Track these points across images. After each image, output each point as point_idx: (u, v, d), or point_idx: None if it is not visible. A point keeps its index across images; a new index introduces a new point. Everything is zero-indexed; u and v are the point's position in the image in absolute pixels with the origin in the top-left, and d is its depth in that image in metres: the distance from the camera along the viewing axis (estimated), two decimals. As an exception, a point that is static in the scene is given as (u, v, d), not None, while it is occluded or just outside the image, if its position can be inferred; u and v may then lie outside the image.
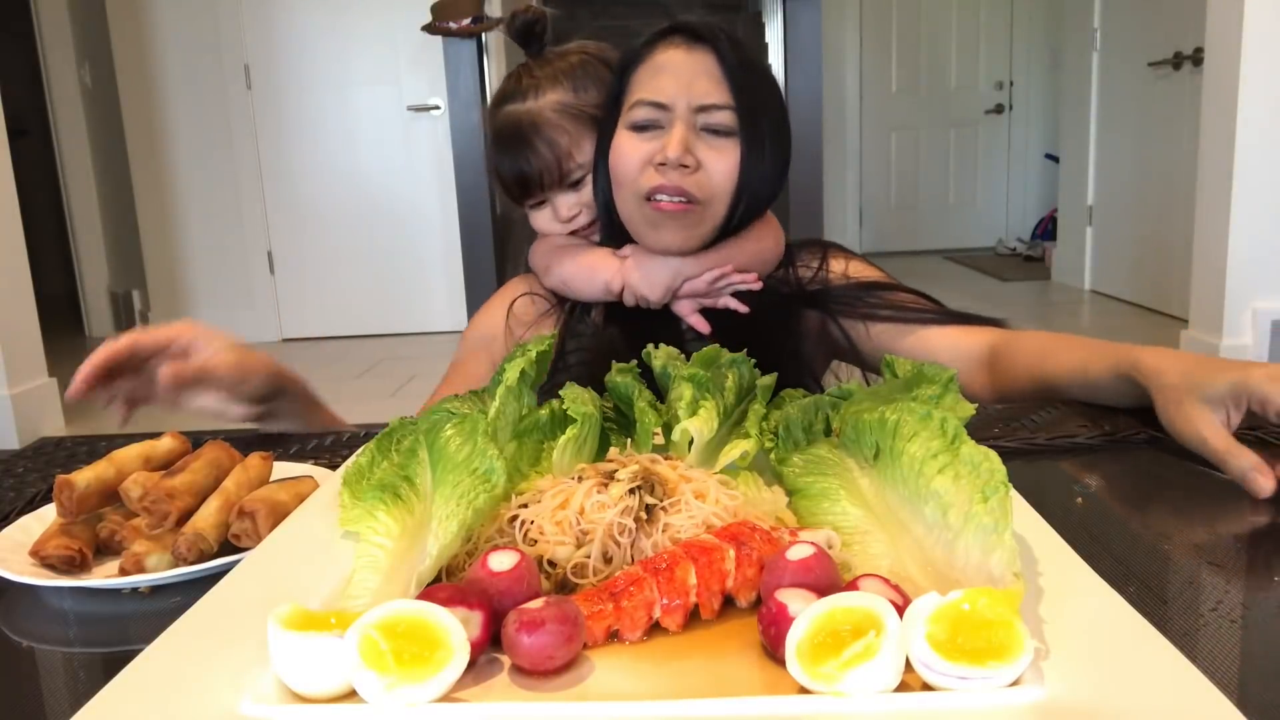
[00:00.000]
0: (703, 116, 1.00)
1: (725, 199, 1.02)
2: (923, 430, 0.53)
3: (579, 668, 0.46)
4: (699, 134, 1.01)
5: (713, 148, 1.01)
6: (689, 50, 1.02)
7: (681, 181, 0.99)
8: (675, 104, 1.00)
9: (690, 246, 1.04)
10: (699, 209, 1.01)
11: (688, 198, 1.00)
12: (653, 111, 1.01)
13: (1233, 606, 0.54)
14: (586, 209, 1.12)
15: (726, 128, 1.01)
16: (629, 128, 1.03)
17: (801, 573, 0.47)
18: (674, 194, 1.00)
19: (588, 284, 1.08)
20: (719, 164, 1.01)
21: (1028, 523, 0.56)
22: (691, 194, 1.00)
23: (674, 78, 1.01)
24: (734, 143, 1.01)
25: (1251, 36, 2.98)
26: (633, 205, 1.03)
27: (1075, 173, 5.41)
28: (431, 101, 4.95)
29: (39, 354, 3.32)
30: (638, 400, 0.69)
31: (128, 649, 0.49)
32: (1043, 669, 0.42)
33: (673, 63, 1.02)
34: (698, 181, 1.00)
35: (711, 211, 1.03)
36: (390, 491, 0.57)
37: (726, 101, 1.00)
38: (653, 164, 1.00)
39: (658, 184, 1.00)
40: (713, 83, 1.00)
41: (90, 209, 5.29)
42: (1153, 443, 0.81)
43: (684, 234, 1.03)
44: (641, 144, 1.01)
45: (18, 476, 0.88)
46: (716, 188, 1.01)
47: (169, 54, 4.95)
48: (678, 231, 1.02)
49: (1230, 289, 3.12)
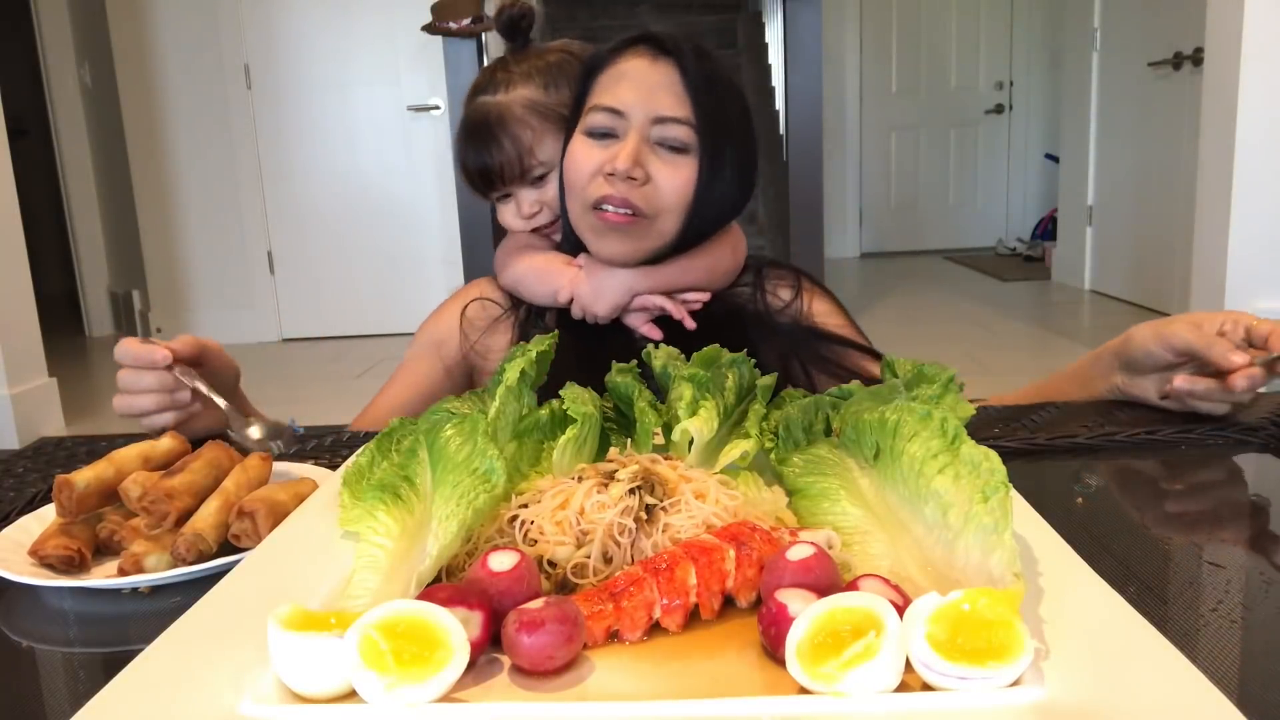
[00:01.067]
0: (659, 129, 0.98)
1: (676, 215, 1.00)
2: (923, 430, 0.53)
3: (579, 668, 0.46)
4: (653, 147, 0.99)
5: (666, 162, 0.99)
6: (653, 61, 1.00)
7: (629, 194, 0.97)
8: (631, 113, 0.98)
9: (635, 258, 1.02)
10: (645, 222, 0.99)
11: (633, 210, 0.98)
12: (609, 118, 0.99)
13: (1233, 607, 0.54)
14: (548, 207, 1.12)
15: (682, 143, 0.98)
16: (584, 133, 1.01)
17: (801, 573, 0.47)
18: (620, 205, 0.98)
19: (538, 287, 1.08)
20: (670, 180, 0.99)
21: (1028, 523, 0.56)
22: (638, 207, 0.98)
23: (634, 87, 0.99)
24: (689, 160, 0.99)
25: (1251, 36, 2.97)
26: (579, 212, 1.02)
27: (1075, 173, 5.41)
28: (431, 101, 4.96)
29: (39, 354, 3.32)
30: (638, 400, 0.69)
31: (127, 649, 0.49)
32: (1043, 669, 0.42)
33: (635, 71, 1.00)
34: (645, 195, 0.98)
35: (659, 226, 1.00)
36: (390, 492, 0.57)
37: (685, 116, 0.98)
38: (602, 173, 0.98)
39: (605, 194, 0.98)
40: (673, 96, 0.98)
41: (90, 209, 5.29)
42: (1153, 443, 0.81)
43: (629, 246, 1.01)
44: (594, 151, 1.00)
45: (18, 476, 0.88)
46: (665, 203, 0.99)
47: (169, 54, 4.95)
48: (622, 242, 1.01)
49: (1230, 289, 3.11)
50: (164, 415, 0.90)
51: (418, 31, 4.12)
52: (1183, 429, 0.82)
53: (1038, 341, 4.53)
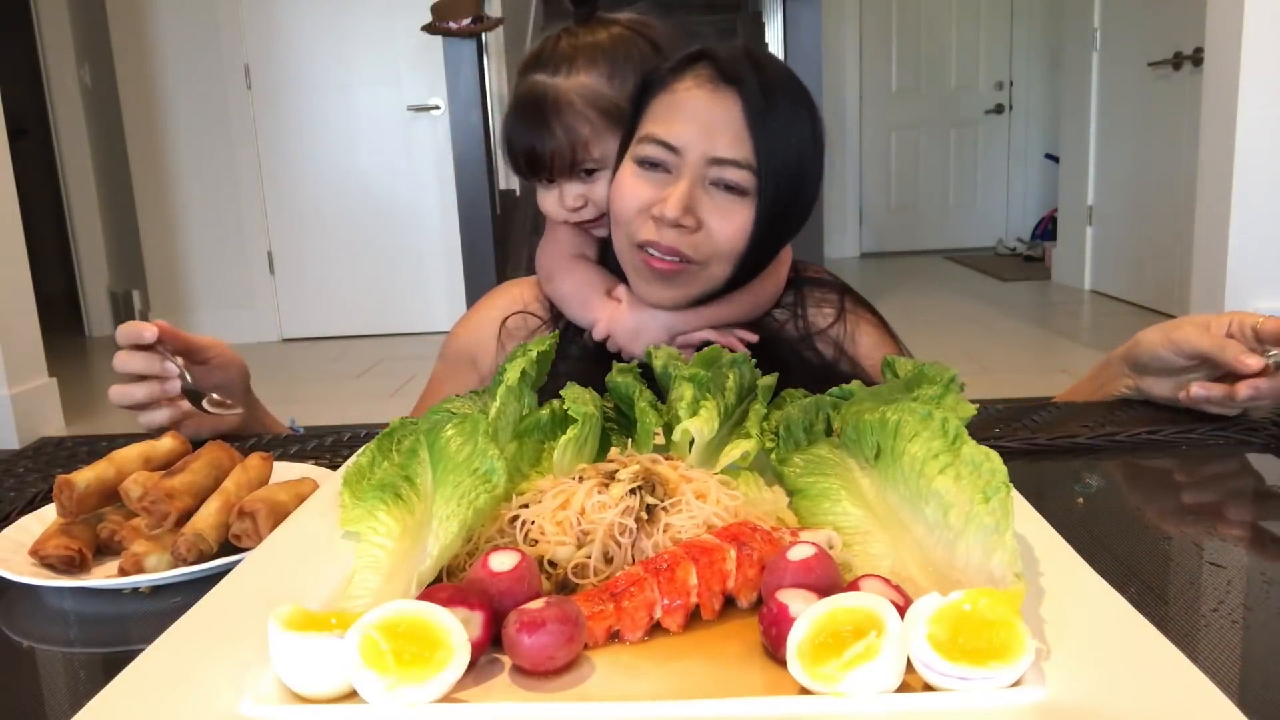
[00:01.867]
0: (715, 170, 0.90)
1: (728, 261, 0.93)
2: (924, 430, 0.53)
3: (580, 668, 0.46)
4: (708, 188, 0.91)
5: (719, 207, 0.91)
6: (714, 90, 0.91)
7: (677, 242, 0.91)
8: (686, 151, 0.90)
9: (680, 304, 0.97)
10: (693, 269, 0.93)
11: (681, 257, 0.92)
12: (662, 152, 0.91)
13: (1234, 607, 0.54)
14: (594, 204, 1.04)
15: (740, 186, 0.90)
16: (635, 161, 0.93)
17: (802, 573, 0.47)
18: (667, 253, 0.92)
19: (578, 312, 1.04)
20: (724, 226, 0.91)
21: (1029, 523, 0.56)
22: (686, 255, 0.92)
23: (691, 120, 0.90)
24: (746, 203, 0.91)
25: (1251, 36, 2.97)
26: (625, 248, 0.96)
27: (1075, 173, 5.41)
28: (431, 101, 4.96)
29: (39, 354, 3.32)
30: (638, 400, 0.69)
31: (128, 649, 0.49)
32: (1044, 669, 0.42)
33: (694, 103, 0.91)
34: (695, 242, 0.91)
35: (709, 273, 0.94)
36: (391, 492, 0.57)
37: (744, 159, 0.90)
38: (650, 214, 0.91)
39: (651, 238, 0.92)
40: (731, 135, 0.89)
41: (90, 209, 5.29)
42: (1153, 443, 0.81)
43: (674, 293, 0.95)
44: (643, 187, 0.92)
45: (18, 476, 0.88)
46: (718, 250, 0.92)
47: (169, 54, 4.95)
48: (667, 290, 0.95)
49: (1230, 289, 3.11)
50: (160, 412, 0.89)
51: (418, 31, 4.11)
52: (1184, 429, 0.82)
53: (1038, 341, 4.53)
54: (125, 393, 0.88)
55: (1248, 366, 0.81)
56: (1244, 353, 0.82)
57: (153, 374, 0.87)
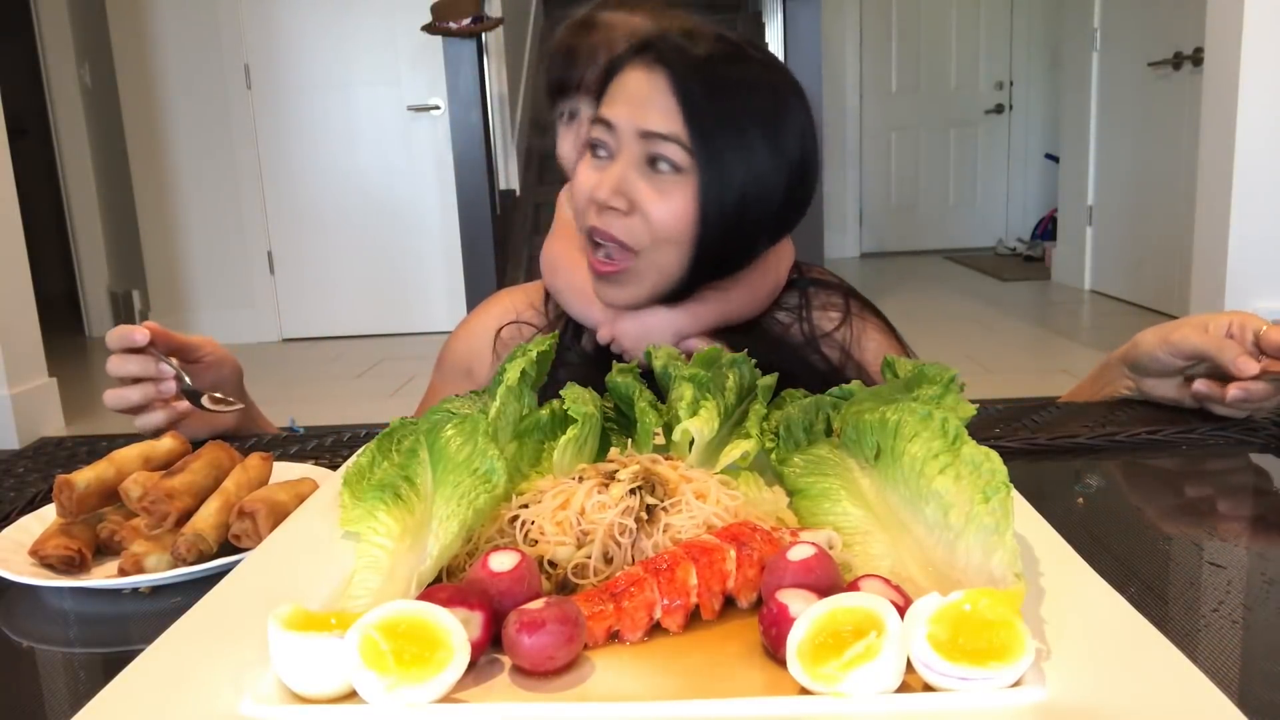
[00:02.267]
0: (648, 146, 0.88)
1: (677, 247, 0.89)
2: (924, 430, 0.53)
3: (580, 668, 0.46)
4: (645, 170, 0.89)
5: (656, 188, 0.88)
6: (649, 70, 0.89)
7: (611, 226, 0.89)
8: (621, 127, 0.89)
9: (637, 302, 0.94)
10: (636, 267, 0.90)
11: (620, 244, 0.89)
12: (602, 131, 0.90)
13: (1234, 607, 0.54)
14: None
15: (675, 163, 0.87)
16: (588, 148, 0.93)
17: (802, 573, 0.47)
18: (605, 239, 0.90)
19: (581, 309, 1.02)
20: (659, 208, 0.88)
21: (1029, 523, 0.56)
22: (622, 241, 0.89)
23: (628, 99, 0.89)
24: (683, 182, 0.88)
25: (1251, 36, 2.97)
26: (585, 244, 0.94)
27: (1075, 173, 5.42)
28: (431, 101, 4.96)
29: (39, 354, 3.32)
30: (638, 400, 0.69)
31: (128, 649, 0.49)
32: (1044, 670, 0.42)
33: (632, 82, 0.90)
34: (630, 227, 0.89)
35: (657, 262, 0.90)
36: (391, 492, 0.57)
37: (673, 132, 0.86)
38: (593, 200, 0.90)
39: (591, 224, 0.90)
40: (664, 110, 0.87)
41: (90, 209, 5.29)
42: (1153, 443, 0.81)
43: (627, 292, 0.92)
44: (591, 172, 0.91)
45: (18, 476, 0.88)
46: (657, 234, 0.88)
47: (169, 54, 4.95)
48: (618, 290, 0.93)
49: (1230, 289, 3.11)
50: (155, 414, 0.89)
51: (418, 31, 4.12)
52: (1184, 429, 0.82)
53: (1038, 341, 4.53)
54: (121, 396, 0.87)
55: (1241, 370, 0.81)
56: (1241, 355, 0.82)
57: (147, 376, 0.87)
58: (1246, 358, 0.81)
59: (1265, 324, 0.83)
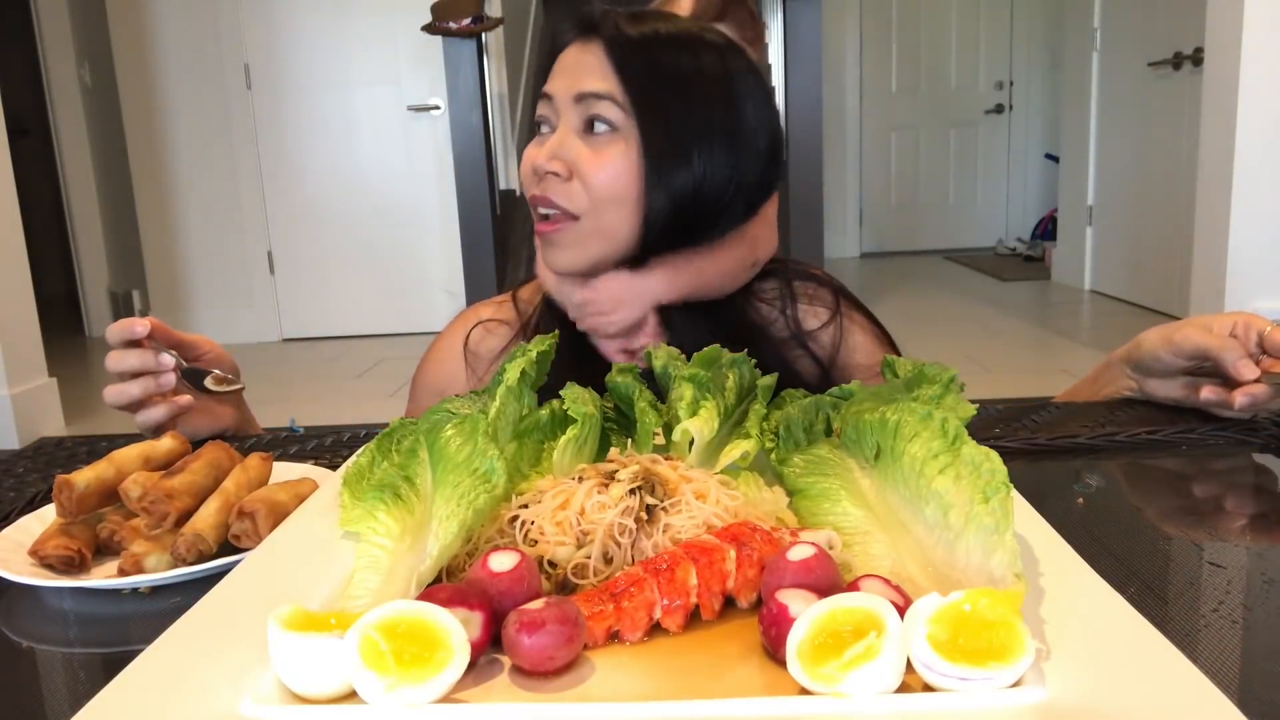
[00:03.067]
0: (582, 109, 0.88)
1: (621, 207, 0.88)
2: (924, 430, 0.53)
3: (579, 668, 0.46)
4: (583, 135, 0.89)
5: (592, 151, 0.88)
6: (583, 43, 0.91)
7: (552, 193, 0.89)
8: (558, 95, 0.90)
9: (579, 266, 0.92)
10: (576, 224, 0.90)
11: (559, 210, 0.89)
12: (544, 107, 0.91)
13: (1234, 607, 0.54)
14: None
15: (608, 120, 0.88)
16: (536, 129, 0.94)
17: (802, 573, 0.47)
18: (545, 205, 0.90)
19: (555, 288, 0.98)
20: (597, 169, 0.88)
21: (1029, 523, 0.56)
22: (562, 206, 0.89)
23: (562, 70, 0.91)
24: (622, 141, 0.88)
25: (1251, 36, 2.97)
26: (533, 215, 0.94)
27: (1075, 173, 5.41)
28: (431, 101, 4.96)
29: (39, 354, 3.32)
30: (638, 400, 0.69)
31: (127, 649, 0.49)
32: (1044, 670, 0.42)
33: (568, 56, 0.92)
34: (569, 191, 0.89)
35: (601, 224, 0.89)
36: (390, 492, 0.57)
37: (607, 90, 0.87)
38: (535, 169, 0.91)
39: (533, 194, 0.91)
40: (597, 71, 0.88)
41: (90, 209, 5.29)
42: (1153, 443, 0.81)
43: (569, 254, 0.91)
44: (533, 149, 0.92)
45: (18, 477, 0.88)
46: (600, 195, 0.88)
47: (169, 54, 4.95)
48: (560, 252, 0.91)
49: (1230, 289, 3.11)
50: (156, 410, 0.88)
51: (418, 31, 4.12)
52: (1184, 429, 0.82)
53: (1037, 341, 4.53)
54: (121, 391, 0.87)
55: (1241, 374, 0.81)
56: (1242, 358, 0.81)
57: (147, 370, 0.87)
58: (1246, 361, 0.81)
59: (1269, 324, 0.83)
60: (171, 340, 0.90)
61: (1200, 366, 0.87)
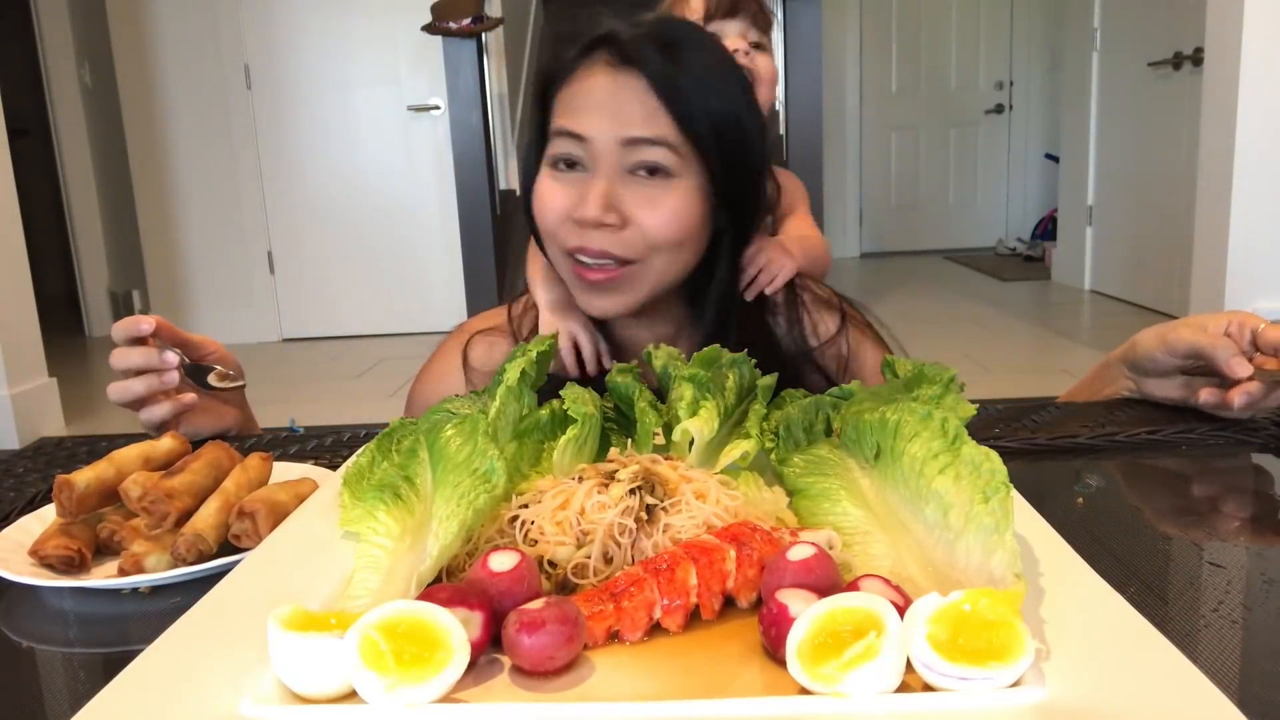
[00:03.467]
0: (632, 154, 0.83)
1: (670, 252, 0.86)
2: (924, 430, 0.53)
3: (579, 668, 0.46)
4: (628, 180, 0.84)
5: (645, 197, 0.84)
6: (615, 73, 0.84)
7: (605, 243, 0.84)
8: (597, 139, 0.83)
9: (630, 309, 0.90)
10: (632, 270, 0.86)
11: (614, 259, 0.85)
12: (573, 145, 0.85)
13: (1234, 607, 0.54)
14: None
15: (664, 168, 0.84)
16: (549, 164, 0.88)
17: (802, 573, 0.47)
18: (597, 257, 0.85)
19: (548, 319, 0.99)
20: (652, 217, 0.84)
21: (1029, 523, 0.56)
22: (618, 255, 0.85)
23: (597, 107, 0.84)
24: (676, 185, 0.84)
25: (1251, 36, 2.97)
26: (558, 258, 0.90)
27: (1075, 173, 5.41)
28: (431, 101, 4.95)
29: (39, 354, 3.32)
30: (638, 400, 0.69)
31: (127, 649, 0.49)
32: (1044, 670, 0.42)
33: (598, 89, 0.85)
34: (625, 240, 0.84)
35: (652, 269, 0.87)
36: (390, 492, 0.57)
37: (662, 135, 0.83)
38: (572, 218, 0.85)
39: (577, 244, 0.85)
40: (645, 112, 0.83)
41: (90, 209, 5.29)
42: (1153, 443, 0.81)
43: (619, 300, 0.88)
44: (561, 190, 0.86)
45: (18, 477, 0.88)
46: (653, 243, 0.85)
47: (169, 54, 4.95)
48: (609, 299, 0.88)
49: (1230, 289, 3.11)
50: (160, 407, 0.88)
51: (418, 31, 4.11)
52: (1184, 429, 0.82)
53: (1038, 341, 4.53)
54: (124, 388, 0.87)
55: (1234, 372, 0.81)
56: (1235, 355, 0.81)
57: (151, 367, 0.87)
58: (1239, 359, 0.81)
59: (1264, 323, 0.83)
60: (176, 339, 0.89)
61: (1196, 366, 0.87)
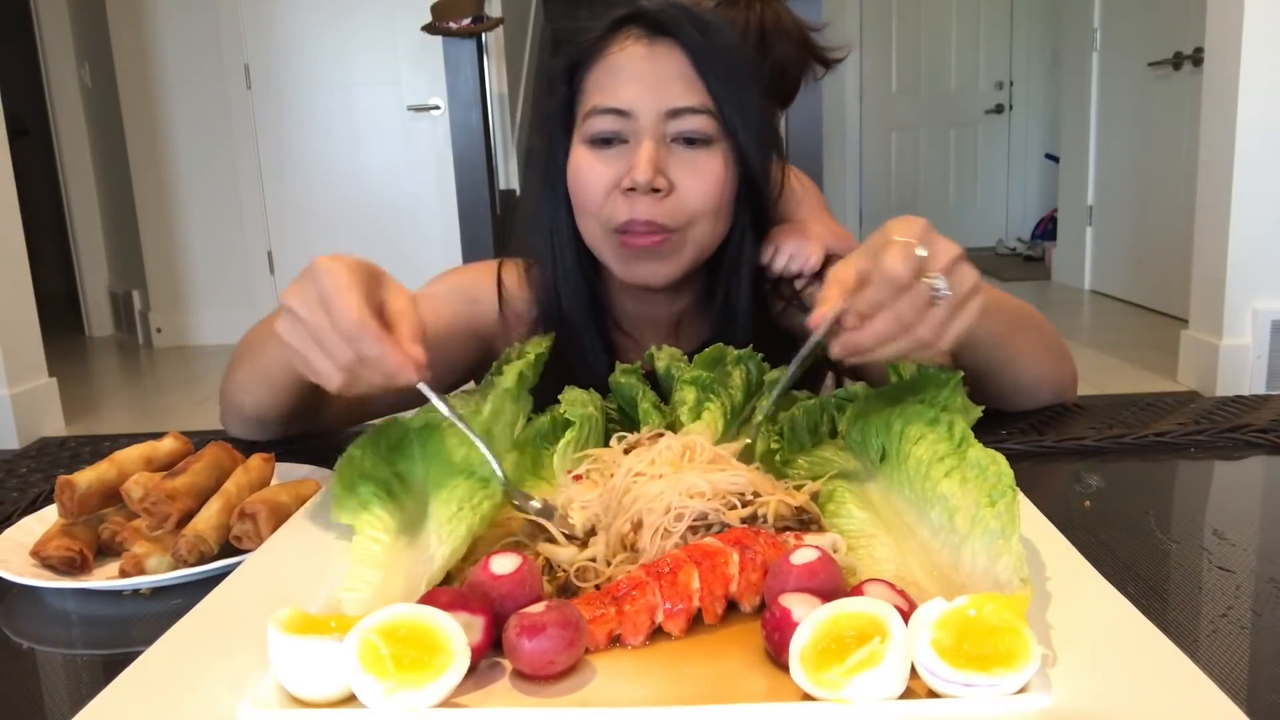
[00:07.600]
0: (674, 124, 0.85)
1: (709, 220, 0.88)
2: (930, 433, 0.53)
3: (581, 673, 0.45)
4: (670, 147, 0.86)
5: (687, 163, 0.86)
6: (651, 45, 0.86)
7: (652, 211, 0.85)
8: (640, 111, 0.85)
9: (672, 279, 0.90)
10: (676, 238, 0.87)
11: (662, 228, 0.86)
12: (614, 121, 0.86)
13: (1242, 612, 0.53)
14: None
15: (704, 135, 0.86)
16: (586, 142, 0.88)
17: (806, 577, 0.47)
18: (646, 229, 0.86)
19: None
20: (696, 184, 0.86)
21: (1035, 527, 0.56)
22: (665, 225, 0.86)
23: (635, 79, 0.85)
24: (715, 153, 0.87)
25: (1251, 36, 2.97)
26: (599, 237, 0.90)
27: (1075, 173, 5.41)
28: (431, 101, 4.95)
29: (39, 354, 3.31)
30: (641, 402, 0.69)
31: (128, 651, 0.49)
32: (1050, 676, 0.41)
33: (634, 62, 0.86)
34: (671, 208, 0.86)
35: (693, 236, 0.88)
36: (383, 487, 0.57)
37: (703, 104, 0.85)
38: (620, 189, 0.86)
39: (627, 218, 0.86)
40: (684, 82, 0.85)
41: (90, 209, 5.29)
42: (1161, 445, 0.81)
43: (665, 267, 0.89)
44: (603, 165, 0.87)
45: (21, 477, 0.88)
46: (694, 211, 0.87)
47: (169, 54, 4.94)
48: (656, 265, 0.88)
49: (1230, 289, 3.11)
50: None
51: (418, 31, 4.11)
52: (1192, 431, 0.82)
53: (1038, 342, 4.52)
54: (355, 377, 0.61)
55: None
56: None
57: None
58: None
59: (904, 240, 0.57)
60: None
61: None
